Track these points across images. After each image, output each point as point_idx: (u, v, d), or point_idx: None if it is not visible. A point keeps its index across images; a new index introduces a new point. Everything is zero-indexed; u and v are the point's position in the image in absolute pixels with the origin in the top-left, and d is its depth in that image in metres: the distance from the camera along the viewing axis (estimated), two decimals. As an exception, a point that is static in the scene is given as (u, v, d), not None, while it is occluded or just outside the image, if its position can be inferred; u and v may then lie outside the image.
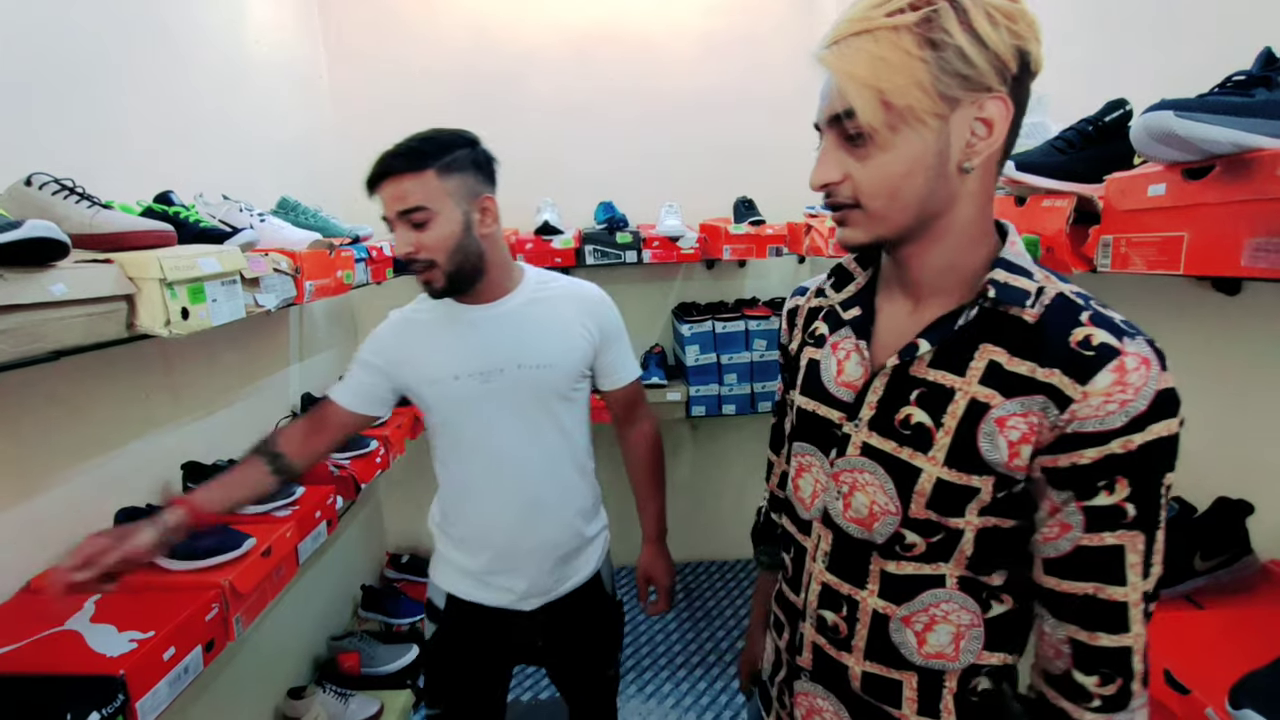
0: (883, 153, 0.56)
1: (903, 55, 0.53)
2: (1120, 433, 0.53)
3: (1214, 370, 1.07)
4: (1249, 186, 0.63)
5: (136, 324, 0.94)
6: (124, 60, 1.37)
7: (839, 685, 0.71)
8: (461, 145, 1.03)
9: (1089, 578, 0.57)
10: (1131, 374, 0.53)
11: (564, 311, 1.14)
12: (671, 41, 2.38)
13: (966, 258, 0.62)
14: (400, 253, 1.02)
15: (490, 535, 1.13)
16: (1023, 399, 0.57)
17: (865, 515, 0.66)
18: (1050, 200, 0.92)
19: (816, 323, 0.76)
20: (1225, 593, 0.91)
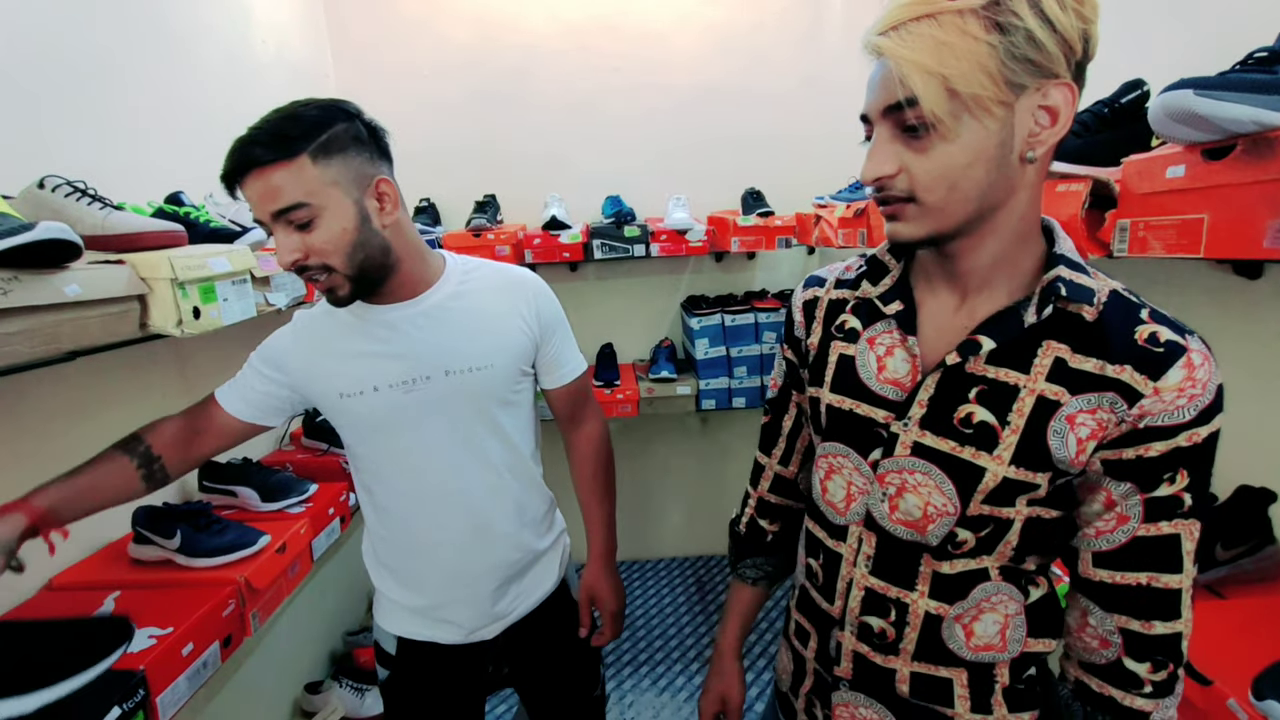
0: (945, 143, 0.53)
1: (969, 40, 0.51)
2: (1188, 426, 0.55)
3: (1235, 356, 1.05)
4: (1272, 166, 0.61)
5: (149, 324, 0.95)
6: (133, 62, 1.38)
7: (884, 691, 0.69)
8: (339, 119, 0.84)
9: (1145, 568, 0.58)
10: (1199, 370, 0.55)
11: (495, 303, 0.98)
12: (676, 34, 2.36)
13: (1019, 252, 0.60)
14: (285, 261, 0.82)
15: (433, 567, 1.00)
16: (1090, 395, 0.56)
17: (918, 517, 0.63)
18: (1065, 185, 0.90)
19: (844, 316, 0.71)
20: (1247, 582, 0.89)
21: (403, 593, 1.03)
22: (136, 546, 1.14)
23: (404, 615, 1.04)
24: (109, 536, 1.22)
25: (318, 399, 0.98)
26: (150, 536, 1.13)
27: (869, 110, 0.57)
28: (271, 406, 1.00)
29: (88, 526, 1.17)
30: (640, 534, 2.69)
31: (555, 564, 1.11)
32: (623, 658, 2.18)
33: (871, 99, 0.56)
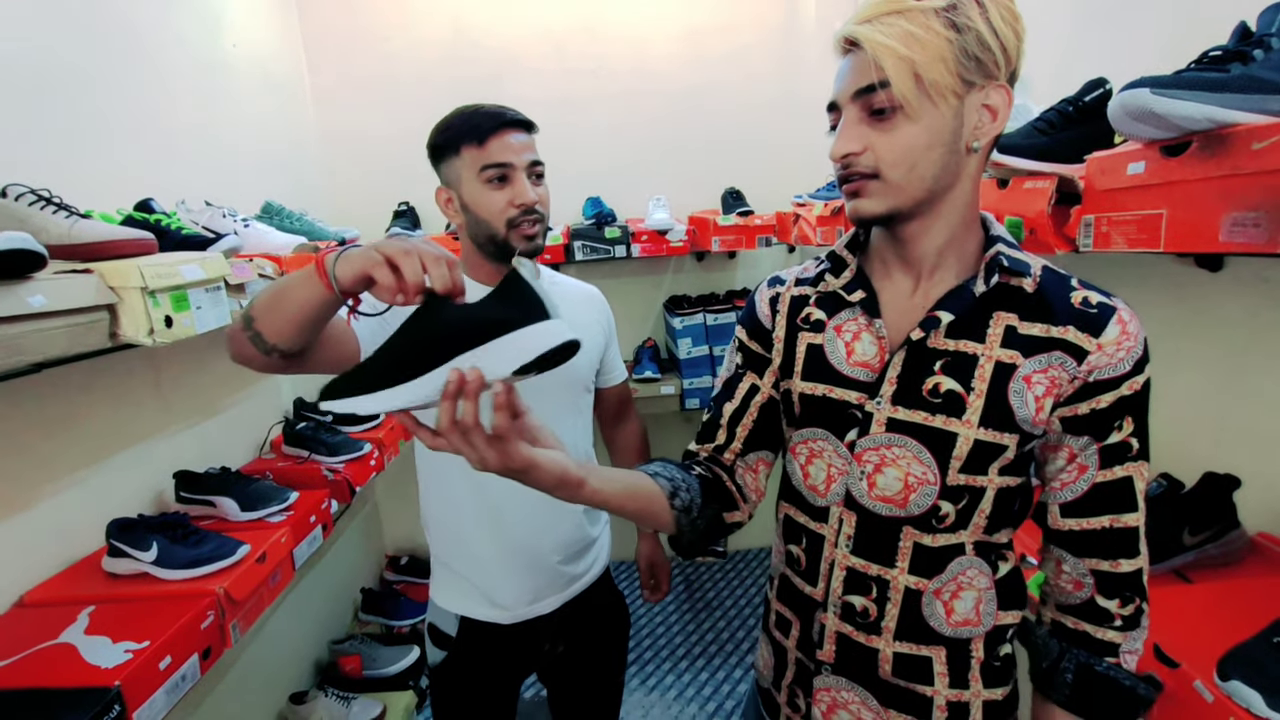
0: (909, 124, 0.60)
1: (933, 34, 0.58)
2: (1129, 375, 0.63)
3: (1199, 346, 1.08)
4: (1225, 162, 0.63)
5: (119, 334, 0.93)
6: (99, 67, 1.35)
7: (865, 673, 0.71)
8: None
9: (1106, 511, 0.65)
10: (1130, 324, 0.63)
11: (583, 307, 1.17)
12: (653, 36, 2.37)
13: (964, 237, 0.67)
14: (527, 199, 1.00)
15: (506, 537, 1.08)
16: (1041, 356, 0.64)
17: (897, 491, 0.67)
18: (1032, 182, 0.92)
19: (808, 309, 0.76)
20: (1213, 566, 0.92)
21: (470, 569, 1.10)
22: (111, 560, 1.12)
23: (471, 596, 1.11)
24: (82, 551, 1.19)
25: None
26: (124, 549, 1.11)
27: (838, 96, 0.63)
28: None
29: (58, 541, 1.16)
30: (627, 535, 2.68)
31: (605, 550, 1.23)
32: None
33: (841, 85, 0.63)
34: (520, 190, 1.00)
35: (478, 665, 1.14)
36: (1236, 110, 0.63)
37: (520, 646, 1.14)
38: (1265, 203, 0.60)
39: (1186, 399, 1.10)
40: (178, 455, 1.45)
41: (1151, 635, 0.77)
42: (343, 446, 1.72)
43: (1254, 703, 0.64)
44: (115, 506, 1.23)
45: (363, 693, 1.90)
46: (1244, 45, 0.69)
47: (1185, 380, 1.10)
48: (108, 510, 1.19)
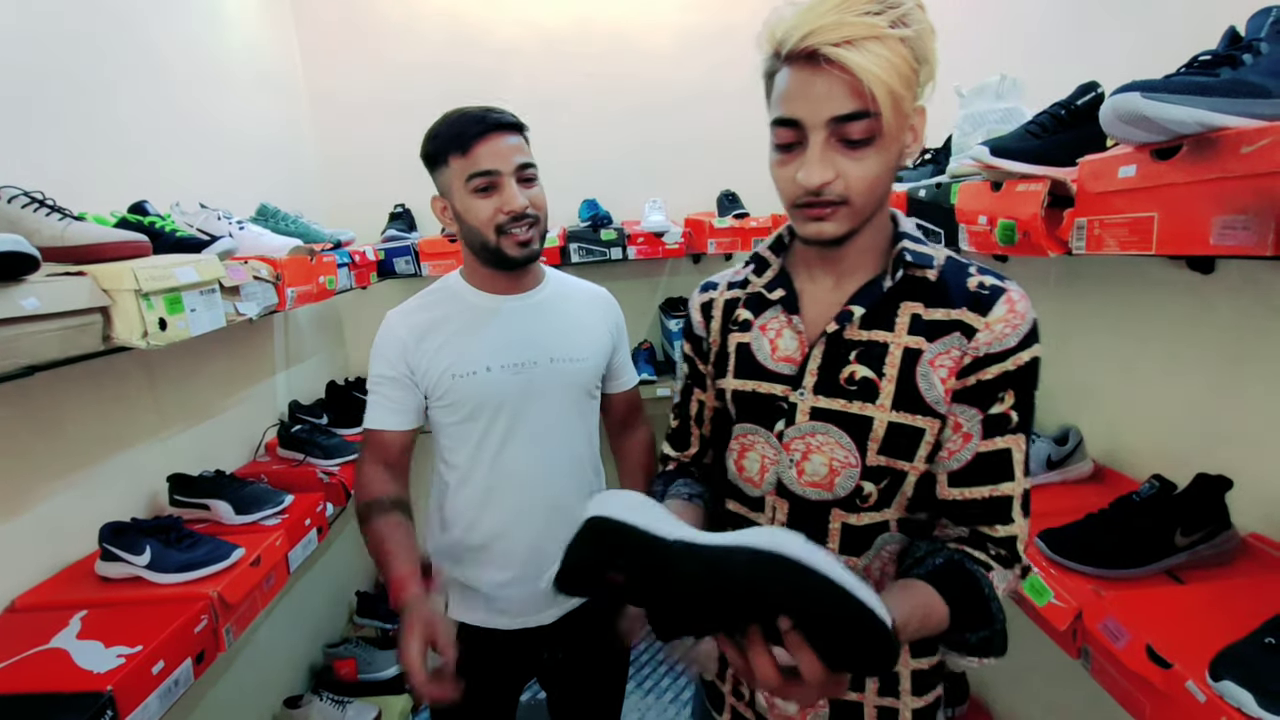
0: (881, 153, 0.61)
1: (906, 65, 0.59)
2: (1013, 351, 0.66)
3: (1191, 348, 1.08)
4: (1215, 165, 0.64)
5: (113, 336, 0.93)
6: (91, 68, 1.35)
7: None
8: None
9: (987, 481, 0.69)
10: (1018, 304, 0.67)
11: (589, 309, 1.14)
12: (649, 37, 2.37)
13: (879, 237, 0.72)
14: (516, 206, 0.99)
15: (513, 541, 1.08)
16: (943, 339, 0.68)
17: (823, 476, 0.71)
18: (1025, 185, 0.92)
19: (738, 310, 0.79)
20: (1206, 567, 0.92)
21: (473, 574, 1.10)
22: (103, 564, 1.12)
23: (470, 603, 1.11)
24: (74, 555, 1.19)
25: (431, 383, 1.06)
26: (117, 553, 1.10)
27: (808, 118, 0.61)
28: (418, 405, 1.09)
29: (50, 545, 1.15)
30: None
31: None
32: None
33: (813, 107, 0.60)
34: (508, 196, 0.99)
35: (474, 670, 1.11)
36: (1226, 114, 0.64)
37: (518, 653, 1.13)
38: (1254, 205, 0.60)
39: (1178, 400, 1.11)
40: (172, 458, 1.44)
41: (1144, 635, 0.78)
42: (338, 449, 1.72)
43: (1245, 703, 0.65)
44: (108, 510, 1.22)
45: (358, 696, 1.89)
46: (1233, 50, 0.69)
47: (1177, 382, 1.11)
48: (101, 514, 1.18)
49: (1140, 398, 1.19)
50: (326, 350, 2.32)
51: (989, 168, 0.97)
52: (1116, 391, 1.24)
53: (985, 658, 0.67)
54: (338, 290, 1.71)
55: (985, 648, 0.66)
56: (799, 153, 0.63)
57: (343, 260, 1.77)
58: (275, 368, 1.97)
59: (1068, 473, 1.24)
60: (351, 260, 1.84)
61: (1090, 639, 0.86)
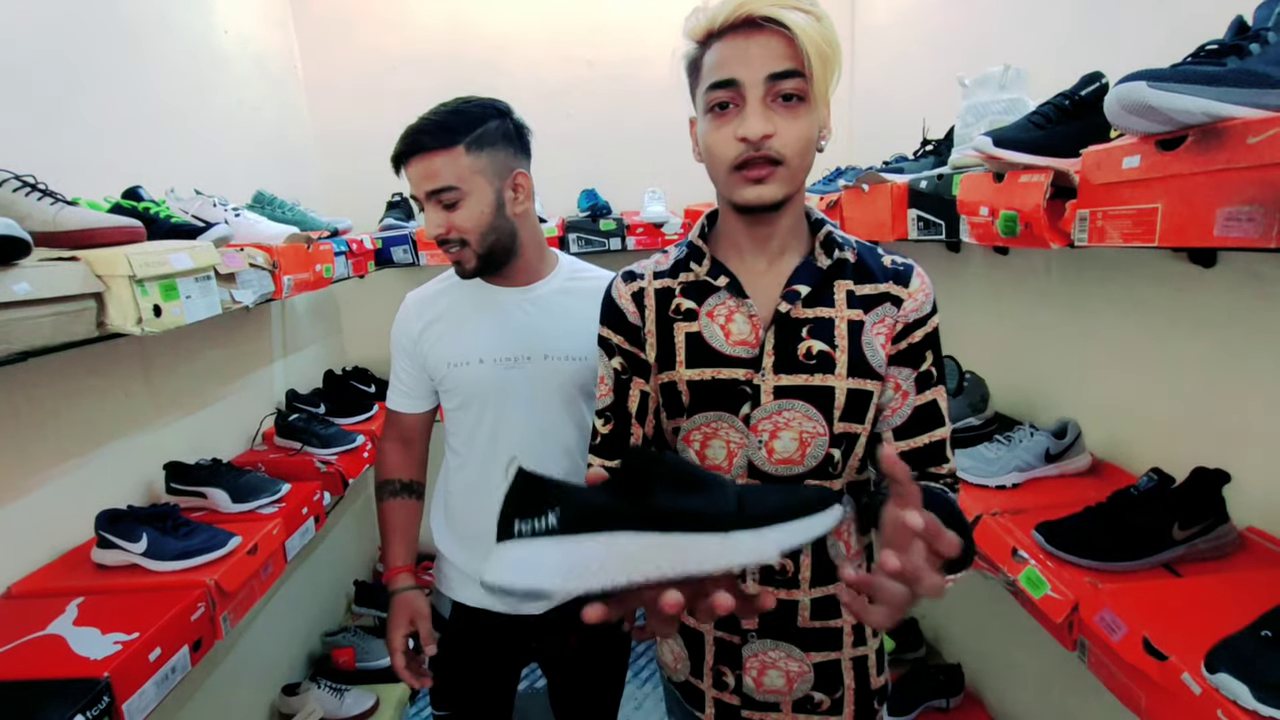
0: (809, 114, 0.67)
1: (832, 35, 0.65)
2: (929, 316, 0.77)
3: (1191, 342, 1.08)
4: (1220, 156, 0.63)
5: (107, 323, 0.92)
6: (85, 51, 1.33)
7: (786, 628, 0.79)
8: (493, 117, 0.99)
9: (924, 430, 0.77)
10: (924, 277, 0.78)
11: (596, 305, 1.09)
12: (649, 26, 2.35)
13: (799, 221, 0.77)
14: (431, 234, 0.99)
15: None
16: (876, 310, 0.75)
17: (794, 450, 0.75)
18: (1027, 176, 0.92)
19: (676, 300, 0.79)
20: (1203, 560, 0.92)
21: (466, 558, 1.11)
22: (100, 551, 1.11)
23: (464, 582, 1.12)
24: (70, 542, 1.18)
25: (431, 369, 1.09)
26: (114, 540, 1.10)
27: (745, 77, 0.65)
28: (428, 389, 1.12)
29: (46, 532, 1.15)
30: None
31: None
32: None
33: (750, 67, 0.65)
34: (426, 221, 0.99)
35: (468, 650, 1.15)
36: (1232, 104, 0.63)
37: (512, 637, 1.14)
38: (1260, 196, 0.60)
39: (1178, 394, 1.11)
40: (168, 446, 1.43)
41: (1141, 628, 0.78)
42: (335, 439, 1.72)
43: (1241, 695, 0.65)
44: (104, 497, 1.22)
45: (356, 685, 1.90)
46: (1240, 39, 0.68)
47: (1176, 376, 1.11)
48: (97, 501, 1.18)
49: (1139, 391, 1.19)
50: (324, 339, 2.31)
51: (991, 159, 0.96)
52: (1115, 385, 1.24)
53: (960, 571, 0.71)
54: (335, 279, 1.70)
55: (965, 560, 0.70)
56: (734, 113, 0.67)
57: (340, 249, 1.76)
58: (272, 356, 1.96)
59: (1065, 466, 1.24)
60: (349, 249, 1.83)
61: (1087, 631, 0.87)
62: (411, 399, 1.13)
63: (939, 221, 1.20)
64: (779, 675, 0.80)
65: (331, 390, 2.08)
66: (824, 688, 0.81)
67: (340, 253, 1.76)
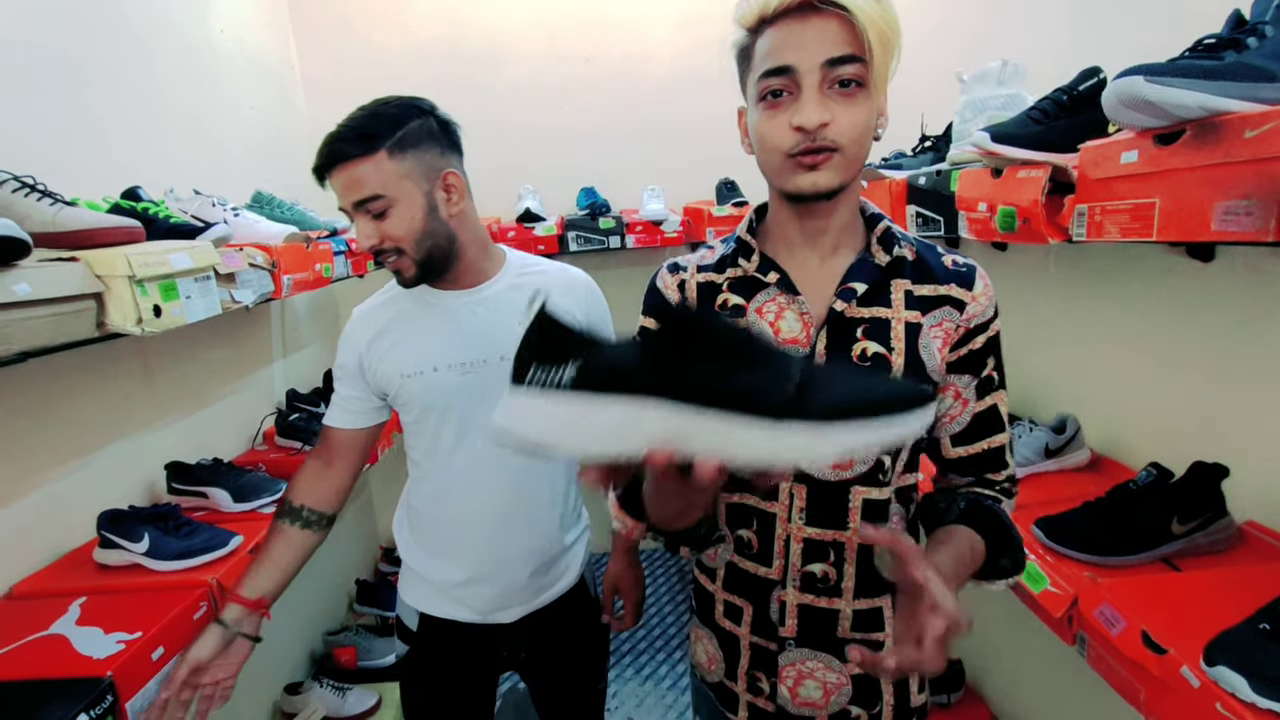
0: (867, 101, 0.63)
1: (888, 25, 0.61)
2: (992, 320, 0.73)
3: (1190, 337, 1.08)
4: (1218, 150, 0.63)
5: (107, 323, 0.92)
6: (83, 51, 1.33)
7: (827, 637, 0.76)
8: (414, 116, 0.93)
9: (983, 436, 0.75)
10: (986, 278, 0.73)
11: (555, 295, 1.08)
12: (647, 23, 2.35)
13: (854, 216, 0.74)
14: (364, 246, 0.94)
15: (467, 542, 1.05)
16: (935, 312, 0.72)
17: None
18: (1026, 171, 0.92)
19: (723, 295, 0.76)
20: (1202, 554, 0.93)
21: (431, 567, 1.08)
22: (102, 551, 1.12)
23: (429, 592, 1.09)
24: (72, 542, 1.19)
25: (383, 384, 1.04)
26: (116, 540, 1.10)
27: (803, 62, 0.62)
28: (370, 407, 1.07)
29: (48, 532, 1.15)
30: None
31: (579, 559, 1.14)
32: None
33: (806, 52, 0.62)
34: (358, 233, 0.94)
35: (438, 661, 1.11)
36: (1230, 98, 0.63)
37: (478, 648, 1.10)
38: (1257, 190, 0.60)
39: (1177, 389, 1.11)
40: (169, 446, 1.44)
41: (1140, 621, 0.78)
42: (336, 438, 1.71)
43: (1239, 688, 0.65)
44: (106, 497, 1.22)
45: (358, 683, 1.91)
46: (1238, 33, 0.69)
47: (1175, 370, 1.11)
48: (98, 501, 1.18)
49: (1138, 386, 1.19)
50: (324, 338, 2.31)
51: (990, 154, 0.96)
52: (1114, 380, 1.24)
53: (1012, 576, 0.74)
54: (334, 278, 1.70)
55: (1014, 568, 0.73)
56: (789, 101, 0.63)
57: (339, 248, 1.76)
58: (272, 356, 1.97)
59: (1065, 461, 1.24)
60: (348, 248, 1.82)
61: (1086, 626, 0.87)
62: (347, 414, 1.07)
63: (938, 217, 1.20)
64: (816, 686, 0.77)
65: (332, 390, 2.08)
66: (862, 702, 0.77)
67: (340, 252, 1.75)
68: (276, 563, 1.02)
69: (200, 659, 0.92)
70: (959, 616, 0.52)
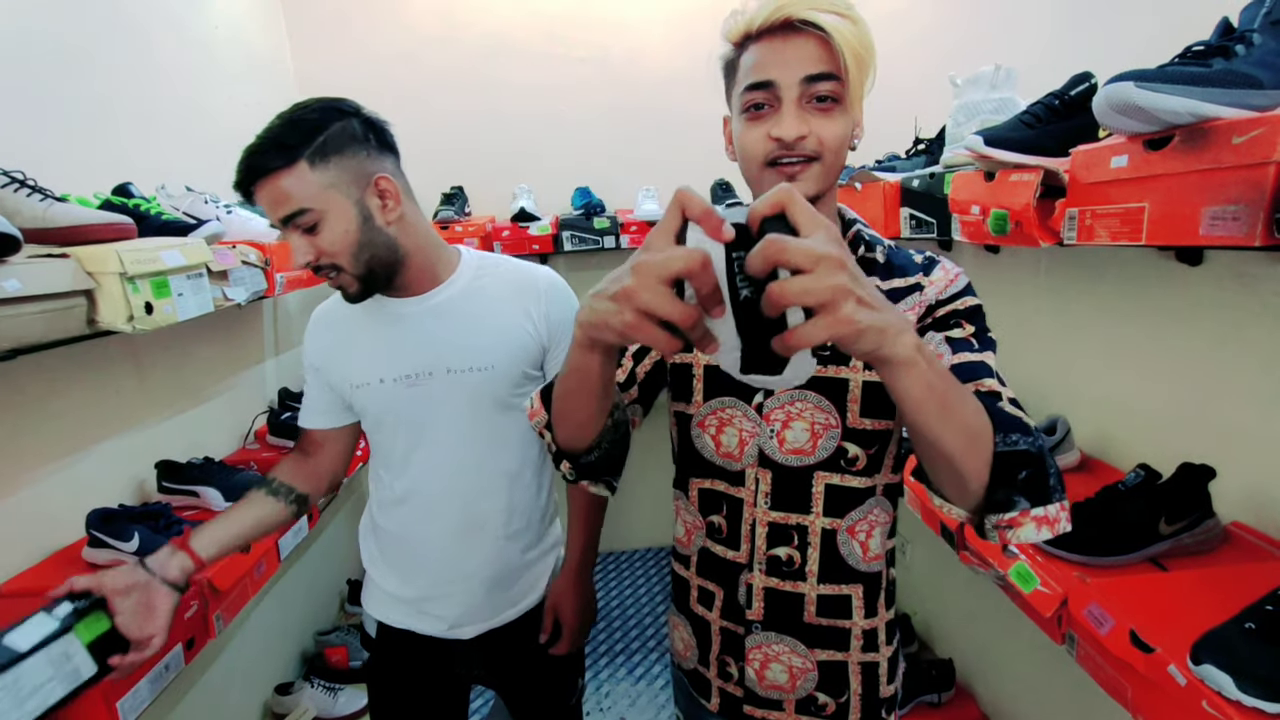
0: (843, 115, 0.68)
1: (862, 45, 0.65)
2: (958, 296, 0.73)
3: (1177, 341, 1.09)
4: (1206, 155, 0.64)
5: (98, 320, 0.91)
6: (77, 47, 1.32)
7: (792, 622, 0.78)
8: (334, 119, 0.85)
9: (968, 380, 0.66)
10: (950, 268, 0.75)
11: (505, 303, 0.97)
12: (644, 23, 2.35)
13: (833, 218, 0.76)
14: (299, 263, 0.87)
15: (423, 557, 1.02)
16: (903, 301, 0.73)
17: (805, 441, 0.74)
18: (1018, 175, 0.93)
19: None
20: (1189, 554, 0.94)
21: (390, 579, 1.05)
22: (91, 550, 1.11)
23: (388, 601, 1.06)
24: (61, 541, 1.18)
25: (338, 389, 1.01)
26: (105, 539, 1.09)
27: (784, 77, 0.66)
28: (339, 406, 1.04)
29: (37, 531, 1.14)
30: (613, 525, 2.69)
31: (544, 577, 1.10)
32: (599, 648, 2.19)
33: (787, 68, 0.66)
34: (293, 250, 0.87)
35: (397, 671, 1.09)
36: (1218, 104, 0.64)
37: (435, 661, 1.07)
38: (1245, 196, 0.61)
39: (1165, 391, 1.12)
40: (160, 444, 1.43)
41: (1128, 621, 0.79)
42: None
43: (1225, 686, 0.66)
44: (96, 496, 1.21)
45: (349, 684, 1.90)
46: (1226, 40, 0.69)
47: (1164, 373, 1.12)
48: (88, 500, 1.17)
49: (1127, 388, 1.20)
50: (317, 337, 2.30)
51: (982, 157, 0.97)
52: (1104, 381, 1.25)
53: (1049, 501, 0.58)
54: (328, 276, 1.69)
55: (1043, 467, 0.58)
56: (770, 114, 0.68)
57: (333, 246, 1.75)
58: (265, 354, 1.95)
59: (1055, 462, 1.25)
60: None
61: (1075, 625, 0.88)
62: (317, 414, 1.05)
63: (931, 220, 1.21)
64: (782, 670, 0.79)
65: (324, 388, 2.07)
66: (828, 690, 0.79)
67: (333, 250, 1.75)
68: (227, 519, 0.95)
69: (103, 585, 0.80)
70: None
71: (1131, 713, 0.80)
